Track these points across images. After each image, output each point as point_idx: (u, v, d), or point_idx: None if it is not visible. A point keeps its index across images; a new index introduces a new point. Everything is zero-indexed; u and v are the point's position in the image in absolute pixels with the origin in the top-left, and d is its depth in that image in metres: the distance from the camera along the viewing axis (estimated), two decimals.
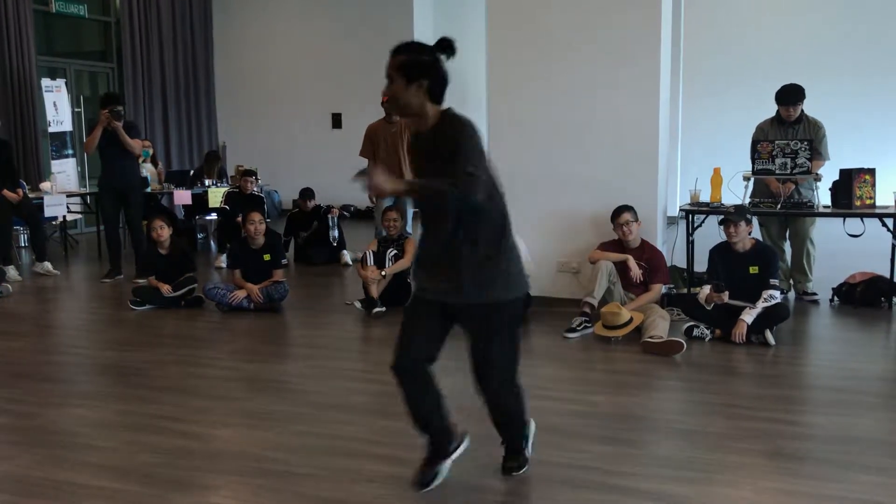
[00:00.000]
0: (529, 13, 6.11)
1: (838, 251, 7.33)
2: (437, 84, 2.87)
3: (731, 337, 5.12)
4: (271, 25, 13.38)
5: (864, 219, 6.01)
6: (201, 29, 13.46)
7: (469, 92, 13.67)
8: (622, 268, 5.61)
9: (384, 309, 6.16)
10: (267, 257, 6.52)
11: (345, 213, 11.89)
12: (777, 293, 5.24)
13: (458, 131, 2.82)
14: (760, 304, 5.14)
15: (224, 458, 3.51)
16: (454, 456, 3.22)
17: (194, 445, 3.63)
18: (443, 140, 2.85)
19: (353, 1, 13.12)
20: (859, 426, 3.77)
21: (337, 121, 13.52)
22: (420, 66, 2.84)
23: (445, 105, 2.95)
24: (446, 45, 2.90)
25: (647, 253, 5.70)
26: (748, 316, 5.12)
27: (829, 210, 6.07)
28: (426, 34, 13.27)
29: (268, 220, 6.89)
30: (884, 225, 5.84)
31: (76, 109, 10.87)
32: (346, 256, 8.57)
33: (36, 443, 3.67)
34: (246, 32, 13.55)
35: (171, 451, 3.56)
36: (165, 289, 6.53)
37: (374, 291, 6.23)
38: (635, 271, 5.56)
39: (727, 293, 5.18)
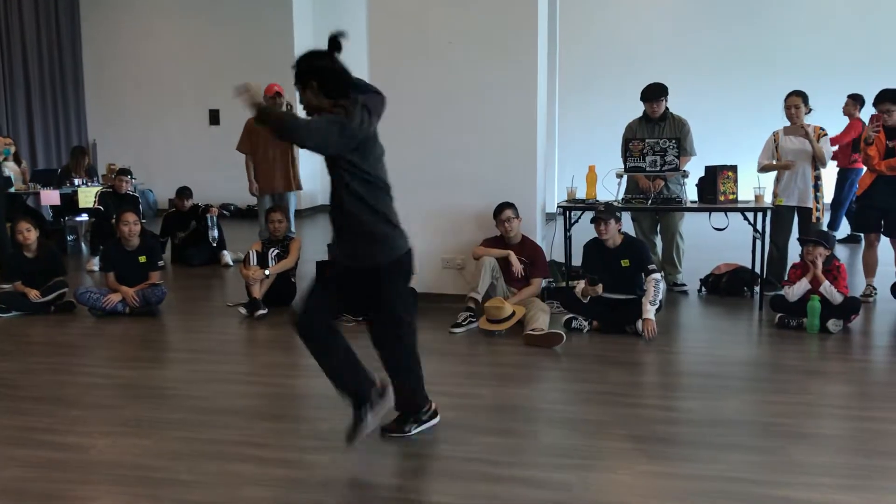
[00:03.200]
0: (409, 10, 6.14)
1: (705, 244, 7.73)
2: (325, 81, 3.19)
3: (644, 335, 5.26)
4: (146, 17, 12.89)
5: (728, 213, 6.37)
6: (67, 19, 12.80)
7: None
8: (504, 263, 5.74)
9: (266, 311, 6.06)
10: (143, 259, 6.30)
11: (224, 212, 11.60)
12: (659, 275, 5.47)
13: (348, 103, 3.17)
14: (652, 293, 5.34)
15: (100, 469, 3.37)
16: (376, 409, 3.38)
17: (68, 457, 3.47)
18: None
19: None
20: (727, 409, 4.00)
21: (215, 117, 13.17)
22: (303, 72, 3.19)
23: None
24: (332, 42, 3.22)
25: (527, 248, 5.85)
26: (649, 312, 5.31)
27: (696, 205, 6.40)
28: (305, 31, 13.11)
29: (143, 221, 6.65)
30: (745, 219, 6.21)
31: None
32: (227, 257, 8.37)
33: None
34: (118, 24, 12.99)
35: (43, 463, 3.39)
36: (33, 294, 6.21)
37: (257, 292, 6.13)
38: (517, 266, 5.70)
39: (601, 286, 5.39)
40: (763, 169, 6.64)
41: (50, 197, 9.12)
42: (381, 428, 3.58)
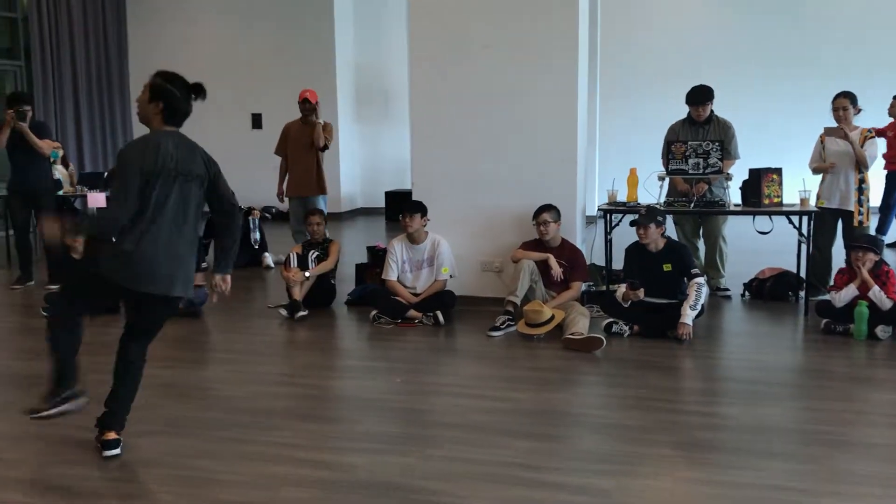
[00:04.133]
0: (450, 14, 6.15)
1: (748, 248, 7.60)
2: (171, 109, 3.40)
3: (679, 337, 5.19)
4: (189, 23, 13.09)
5: (773, 216, 6.26)
6: (114, 26, 13.06)
7: (392, 95, 13.68)
8: (543, 266, 5.70)
9: (307, 312, 6.11)
10: None
11: (266, 215, 11.72)
12: (702, 279, 5.39)
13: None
14: (693, 298, 5.26)
15: (143, 466, 3.42)
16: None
17: (108, 455, 3.52)
18: None
19: (273, 2, 12.95)
20: (771, 415, 3.92)
21: (257, 121, 13.32)
22: (161, 89, 3.39)
23: None
24: (196, 87, 3.47)
25: (567, 252, 5.81)
26: (687, 317, 5.22)
27: (739, 208, 6.29)
28: (346, 37, 13.20)
29: None
30: (790, 222, 6.09)
31: None
32: (268, 259, 8.45)
33: None
34: (162, 30, 13.21)
35: (87, 462, 3.45)
36: None
37: (298, 294, 6.17)
38: (556, 270, 5.67)
39: (642, 290, 5.33)
40: (814, 171, 6.53)
41: (97, 199, 9.27)
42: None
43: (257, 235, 8.55)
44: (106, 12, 12.86)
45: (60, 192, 8.92)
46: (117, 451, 3.49)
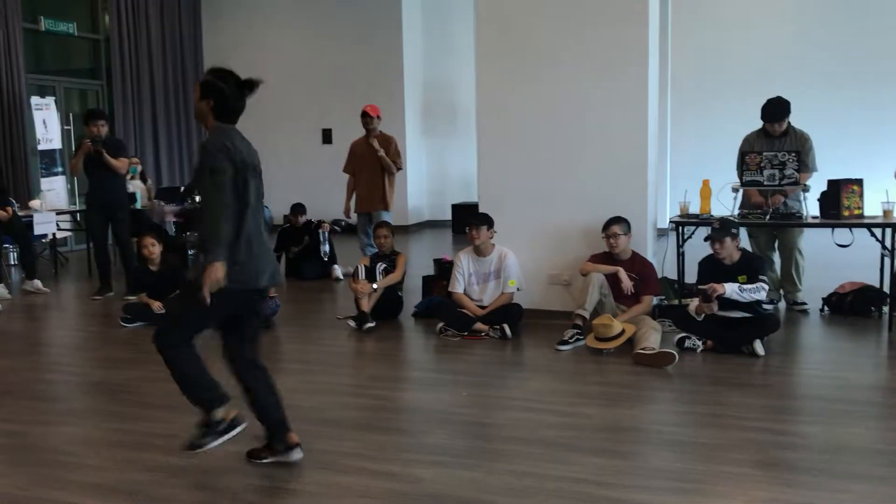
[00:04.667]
0: (518, 28, 6.14)
1: (828, 261, 7.36)
2: (220, 106, 3.39)
3: (698, 306, 5.13)
4: (261, 42, 13.41)
5: (853, 229, 6.04)
6: (191, 46, 13.47)
7: (459, 108, 13.74)
8: (613, 280, 5.62)
9: (374, 324, 6.15)
10: None
11: (335, 227, 11.87)
12: (763, 286, 5.23)
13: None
14: (750, 287, 5.12)
15: (214, 475, 3.48)
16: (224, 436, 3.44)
17: (185, 463, 3.61)
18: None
19: (343, 18, 13.17)
20: (851, 435, 3.77)
21: (327, 136, 13.53)
22: (210, 86, 3.39)
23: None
24: (249, 83, 3.46)
25: (637, 265, 5.71)
26: (727, 288, 5.09)
27: (817, 220, 6.10)
28: (415, 51, 13.33)
29: None
30: (872, 235, 5.87)
31: (66, 127, 10.84)
32: (337, 271, 8.56)
33: (25, 461, 3.64)
34: (236, 49, 13.56)
35: (161, 468, 3.53)
36: (156, 306, 6.50)
37: (366, 306, 6.22)
38: (626, 283, 5.58)
39: (716, 304, 5.19)
40: None
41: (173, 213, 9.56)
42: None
43: (327, 248, 8.67)
44: (182, 31, 13.28)
45: (138, 206, 9.21)
46: (300, 454, 3.53)
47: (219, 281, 3.18)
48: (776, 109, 6.31)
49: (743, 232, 5.83)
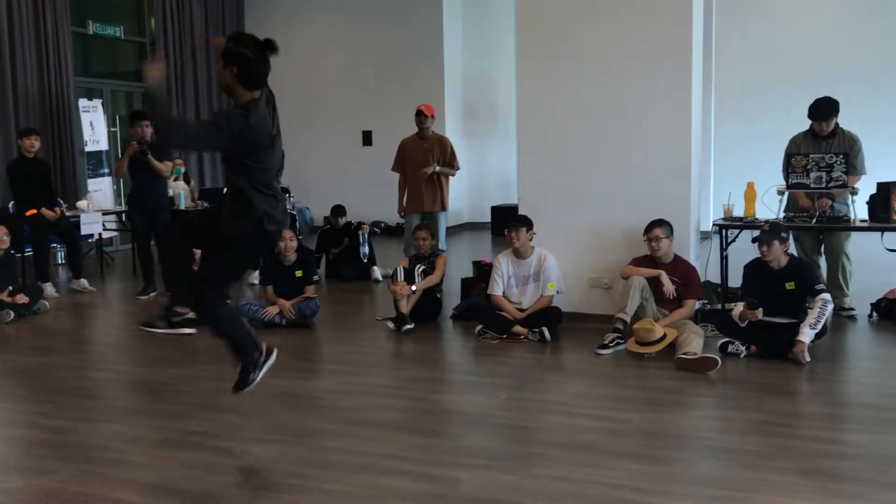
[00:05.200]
0: (559, 26, 6.11)
1: (876, 266, 7.19)
2: (246, 72, 3.39)
3: (796, 358, 4.96)
4: (302, 44, 13.52)
5: None
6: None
7: (499, 110, 13.71)
8: (655, 283, 5.55)
9: (413, 325, 6.16)
10: (299, 273, 6.56)
11: (375, 229, 11.94)
12: (828, 296, 5.13)
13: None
14: (815, 315, 5.01)
15: (255, 474, 3.52)
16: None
17: (226, 461, 3.65)
18: None
19: (384, 20, 13.22)
20: None
21: (367, 138, 13.60)
22: (232, 53, 3.38)
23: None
24: (269, 43, 3.44)
25: (680, 268, 5.64)
26: (805, 335, 4.98)
27: (865, 224, 5.96)
28: (455, 53, 13.34)
29: (300, 237, 6.93)
30: None
31: (112, 129, 11.05)
32: (377, 273, 8.59)
33: (71, 458, 3.71)
34: (278, 53, 13.72)
35: (204, 466, 3.57)
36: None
37: (404, 307, 6.24)
38: (668, 287, 5.51)
39: (761, 310, 5.10)
40: None
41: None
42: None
43: (366, 249, 8.71)
44: (225, 34, 13.45)
45: (182, 207, 9.35)
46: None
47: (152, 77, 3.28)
48: (824, 108, 6.19)
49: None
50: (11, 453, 3.91)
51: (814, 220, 5.98)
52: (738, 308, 5.20)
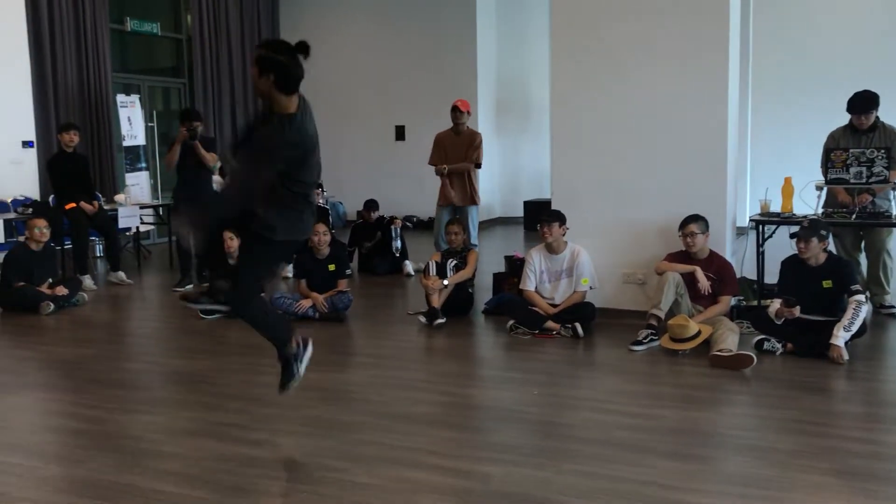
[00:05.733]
0: (593, 21, 6.05)
1: None
2: (283, 78, 3.40)
3: (834, 360, 4.88)
4: (336, 41, 13.57)
5: None
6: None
7: (532, 105, 13.65)
8: (690, 279, 5.49)
9: (444, 320, 6.16)
10: (332, 267, 6.59)
11: (407, 224, 11.96)
12: (863, 297, 5.03)
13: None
14: (849, 317, 4.92)
15: (287, 466, 3.54)
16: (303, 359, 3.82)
17: (258, 452, 3.68)
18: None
19: (417, 15, 13.22)
20: None
21: (400, 133, 13.62)
22: (266, 60, 3.42)
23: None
24: (301, 45, 3.47)
25: (715, 264, 5.57)
26: (839, 339, 4.88)
27: None
28: (489, 47, 13.30)
29: (332, 231, 6.96)
30: None
31: (149, 124, 11.19)
32: (409, 267, 8.60)
33: (107, 447, 3.77)
34: (312, 49, 13.77)
35: (236, 457, 3.61)
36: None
37: (436, 301, 6.24)
38: (703, 283, 5.44)
39: (798, 308, 5.01)
40: None
41: None
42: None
43: (398, 244, 8.73)
44: (261, 30, 13.55)
45: None
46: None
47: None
48: (863, 101, 6.07)
49: None
50: (50, 442, 3.98)
51: (854, 217, 5.87)
52: (775, 305, 5.12)
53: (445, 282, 6.34)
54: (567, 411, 4.27)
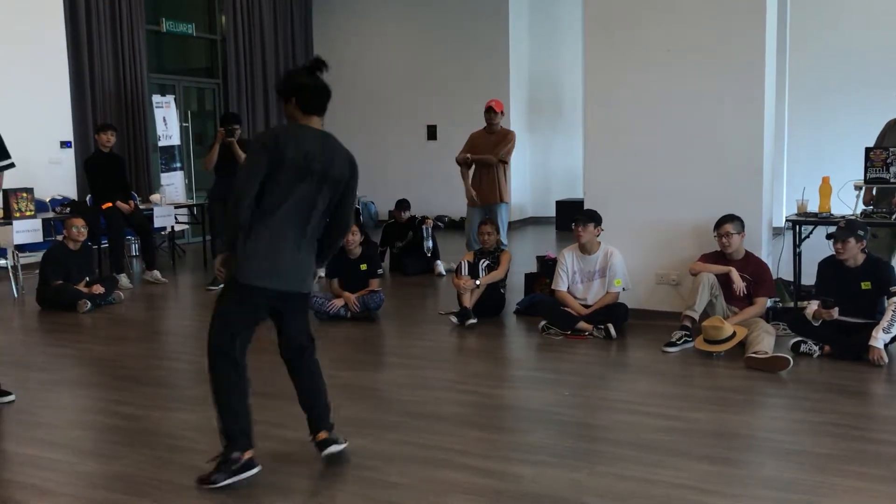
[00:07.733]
0: (628, 20, 6.01)
1: None
2: (303, 98, 3.41)
3: (873, 363, 4.80)
4: (369, 41, 13.63)
5: None
6: (302, 46, 13.82)
7: (565, 104, 13.59)
8: (725, 280, 5.42)
9: (476, 320, 6.15)
10: (363, 267, 6.61)
11: (439, 223, 11.96)
12: None
13: None
14: (888, 319, 4.82)
15: (320, 465, 3.56)
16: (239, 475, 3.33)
17: (293, 450, 3.70)
18: None
19: (449, 16, 13.23)
20: None
21: (432, 132, 13.63)
22: (283, 89, 3.43)
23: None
24: (315, 63, 3.47)
25: (751, 265, 5.49)
26: (878, 340, 4.80)
27: None
28: (522, 46, 13.26)
29: (364, 231, 6.99)
30: None
31: (184, 124, 11.32)
32: (440, 267, 8.60)
33: (142, 444, 3.82)
34: (345, 48, 13.82)
35: (270, 456, 3.63)
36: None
37: (468, 301, 6.23)
38: (739, 284, 5.37)
39: (836, 309, 4.93)
40: None
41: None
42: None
43: (430, 244, 8.74)
44: (294, 32, 13.64)
45: None
46: (332, 448, 3.52)
47: (219, 270, 3.44)
48: None
49: None
50: (87, 438, 4.04)
51: (893, 217, 5.76)
52: (812, 307, 5.04)
53: (477, 282, 6.33)
54: (599, 413, 4.24)
